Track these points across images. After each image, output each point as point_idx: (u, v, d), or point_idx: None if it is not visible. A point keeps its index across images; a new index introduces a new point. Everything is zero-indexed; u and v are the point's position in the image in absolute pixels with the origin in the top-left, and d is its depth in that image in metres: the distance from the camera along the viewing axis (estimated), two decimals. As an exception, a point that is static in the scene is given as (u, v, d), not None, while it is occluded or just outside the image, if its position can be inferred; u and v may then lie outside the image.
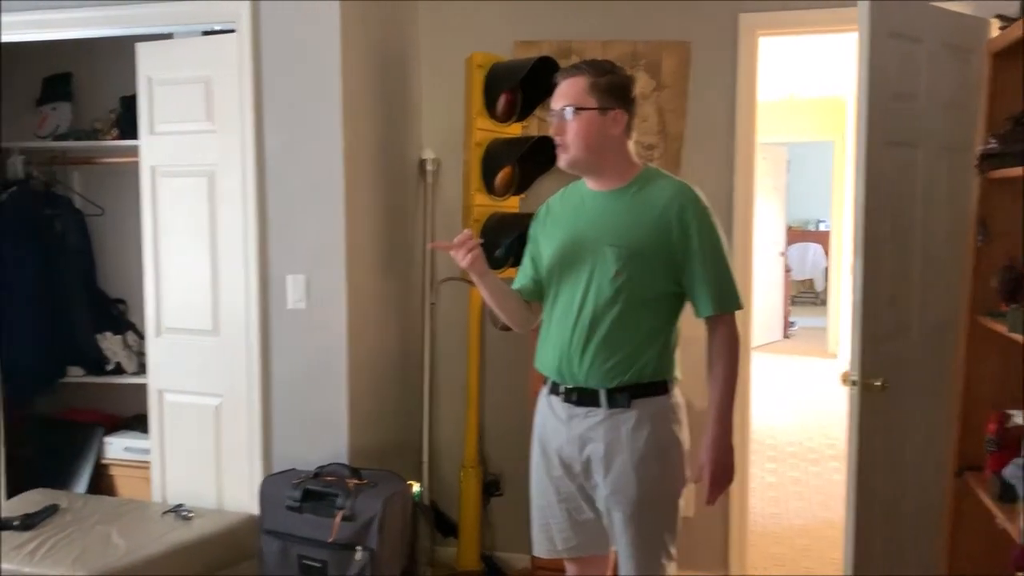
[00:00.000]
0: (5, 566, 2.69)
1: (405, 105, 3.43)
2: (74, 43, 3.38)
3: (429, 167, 3.45)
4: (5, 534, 2.83)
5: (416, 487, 2.99)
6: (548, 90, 2.25)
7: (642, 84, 3.21)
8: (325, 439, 2.98)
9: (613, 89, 2.14)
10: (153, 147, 3.18)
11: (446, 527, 3.42)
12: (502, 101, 3.07)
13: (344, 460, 2.92)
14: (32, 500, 3.12)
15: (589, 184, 2.22)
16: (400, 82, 3.39)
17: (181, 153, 3.12)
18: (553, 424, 2.22)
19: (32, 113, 3.86)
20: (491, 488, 3.39)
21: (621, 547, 2.16)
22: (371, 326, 3.13)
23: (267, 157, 2.96)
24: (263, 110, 2.95)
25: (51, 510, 3.01)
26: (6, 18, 3.19)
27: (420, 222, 3.49)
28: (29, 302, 3.62)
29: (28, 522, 2.89)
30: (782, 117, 7.27)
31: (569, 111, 2.12)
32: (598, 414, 2.12)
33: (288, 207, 2.97)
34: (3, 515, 2.95)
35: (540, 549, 2.29)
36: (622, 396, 2.11)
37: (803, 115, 7.93)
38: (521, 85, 3.08)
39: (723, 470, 2.15)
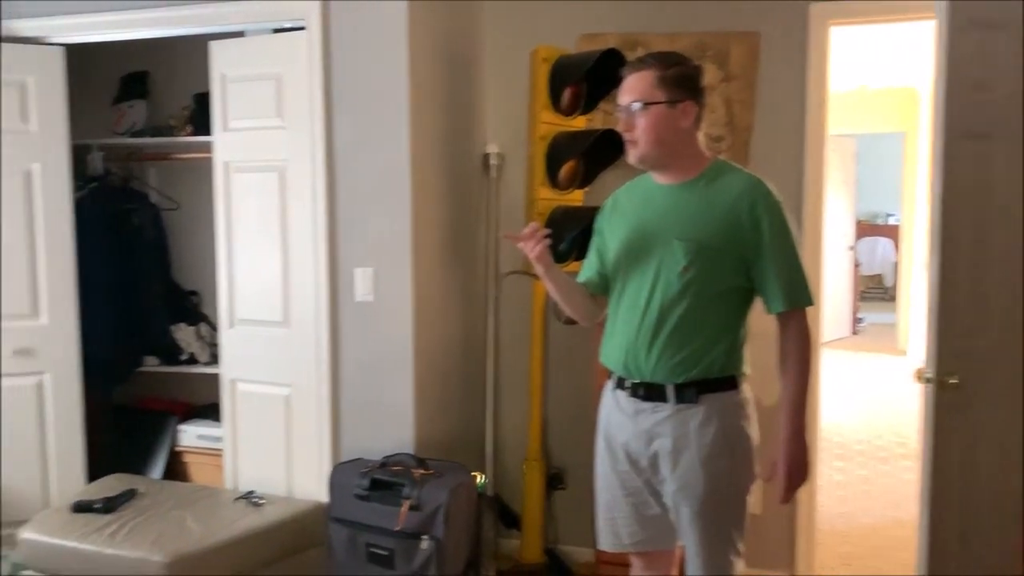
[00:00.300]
0: (87, 547, 2.80)
1: (469, 100, 3.46)
2: (150, 42, 3.48)
3: (493, 161, 3.47)
4: (87, 516, 2.95)
5: (480, 479, 3.01)
6: (613, 83, 2.24)
7: (709, 75, 3.17)
8: (391, 429, 3.03)
9: (682, 81, 2.12)
10: (226, 143, 3.25)
11: (509, 519, 3.44)
12: (567, 94, 3.07)
13: (410, 451, 2.96)
14: (111, 485, 3.24)
15: (657, 177, 2.21)
16: (465, 77, 3.42)
17: (253, 149, 3.19)
18: (619, 419, 2.22)
19: (110, 111, 3.99)
20: (554, 481, 3.40)
21: (689, 543, 2.15)
22: (436, 319, 3.17)
23: (336, 152, 3.02)
24: (332, 106, 3.00)
25: (129, 494, 3.12)
26: (84, 19, 3.31)
27: (483, 216, 3.51)
28: (108, 294, 3.74)
29: (109, 505, 3.00)
30: (852, 108, 7.09)
31: (637, 106, 2.11)
32: (665, 409, 2.11)
33: (356, 201, 3.02)
34: (85, 498, 3.07)
35: (606, 543, 2.29)
36: (690, 391, 2.09)
37: (874, 106, 7.72)
38: (586, 78, 3.07)
39: (797, 468, 2.12)
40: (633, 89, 2.13)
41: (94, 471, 3.55)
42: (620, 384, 2.21)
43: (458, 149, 3.37)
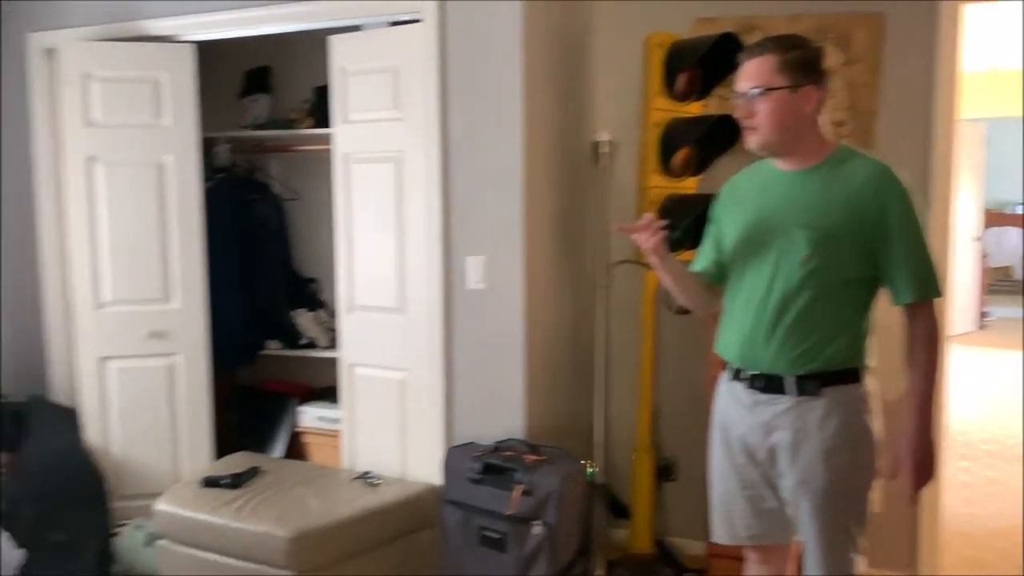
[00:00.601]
0: (216, 519, 2.95)
1: (580, 88, 3.45)
2: (272, 38, 3.61)
3: (604, 149, 3.45)
4: (216, 491, 3.11)
5: (589, 467, 3.02)
6: (729, 68, 2.19)
7: (831, 58, 3.07)
8: (502, 415, 3.07)
9: (803, 64, 2.06)
10: (345, 135, 3.35)
11: (618, 509, 3.44)
12: (682, 80, 3.02)
13: (519, 437, 3.00)
14: (237, 462, 3.40)
15: (778, 163, 2.15)
16: (576, 65, 3.42)
17: (370, 140, 3.28)
18: (735, 410, 2.18)
19: (235, 105, 4.18)
20: (664, 472, 3.37)
21: (808, 538, 2.10)
22: (546, 307, 3.19)
23: (451, 142, 3.07)
24: (448, 97, 3.05)
25: (254, 472, 3.27)
26: (212, 17, 3.46)
27: (594, 204, 3.51)
28: (233, 281, 3.93)
29: (236, 481, 3.16)
30: (980, 91, 6.70)
31: (757, 92, 2.06)
32: (785, 401, 2.07)
33: (470, 190, 3.06)
34: (214, 474, 3.23)
35: (721, 535, 2.27)
36: (811, 384, 2.04)
37: (1005, 89, 7.28)
38: (701, 63, 3.02)
39: (924, 465, 2.05)
40: (753, 74, 2.08)
41: (219, 449, 3.75)
42: (737, 375, 2.17)
43: (569, 137, 3.37)
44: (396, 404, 3.29)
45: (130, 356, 3.66)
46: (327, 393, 3.88)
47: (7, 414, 3.53)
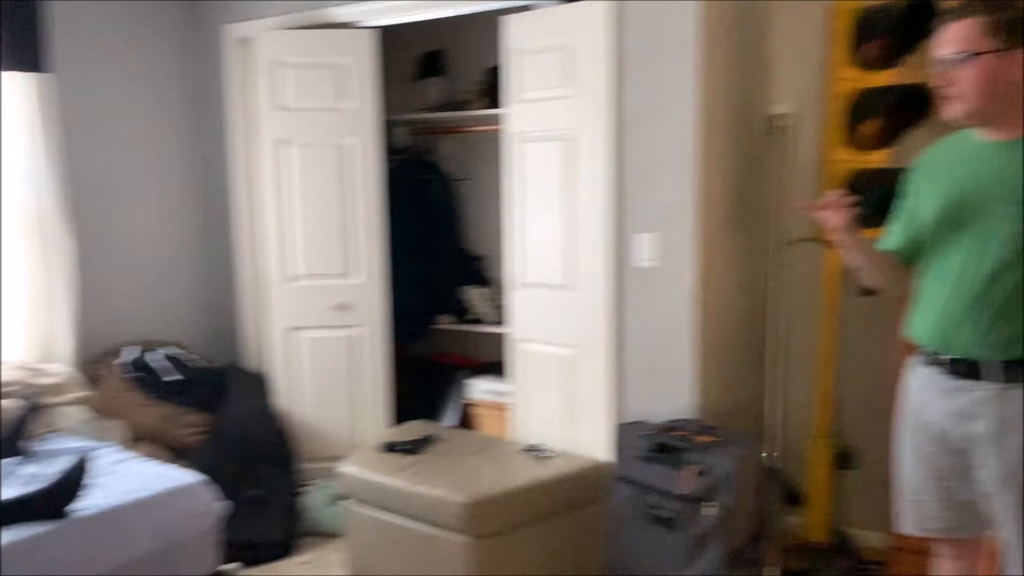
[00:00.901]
0: (396, 483, 3.10)
1: (757, 60, 3.34)
2: (445, 21, 3.71)
3: (782, 122, 3.33)
4: (395, 456, 3.27)
5: (763, 451, 2.95)
6: (919, 34, 2.06)
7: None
8: (671, 395, 3.04)
9: (1013, 26, 1.91)
10: (517, 114, 3.40)
11: (792, 496, 3.34)
12: (873, 48, 2.85)
13: (689, 417, 2.97)
14: (414, 429, 3.56)
15: (981, 134, 2.01)
16: (753, 36, 3.30)
17: (543, 118, 3.30)
18: (927, 397, 2.07)
19: (411, 88, 4.33)
20: (844, 460, 3.23)
21: (1010, 535, 1.97)
22: (719, 286, 3.12)
23: (624, 118, 3.05)
24: (622, 73, 3.03)
25: (430, 439, 3.41)
26: (391, 3, 3.59)
27: (771, 180, 3.39)
28: (409, 257, 4.10)
29: (414, 448, 3.30)
30: None
31: (962, 57, 1.92)
32: (987, 388, 1.94)
33: (642, 167, 3.04)
34: (393, 440, 3.40)
35: (910, 527, 2.16)
36: (1017, 370, 1.90)
37: None
38: (892, 30, 2.84)
39: None
40: (955, 39, 1.94)
41: (395, 416, 3.93)
42: (932, 359, 2.05)
43: (745, 110, 3.27)
44: (564, 380, 3.33)
45: (316, 327, 3.90)
46: (494, 367, 3.98)
47: (207, 379, 3.85)
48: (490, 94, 3.91)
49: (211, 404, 3.75)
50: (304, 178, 3.84)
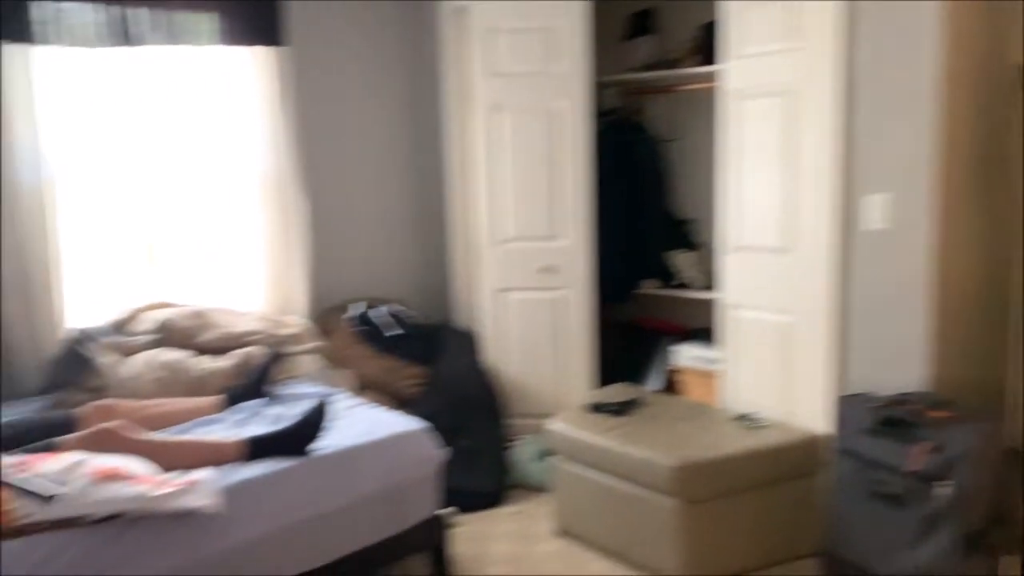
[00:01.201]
0: (603, 442, 3.13)
1: (1002, 5, 3.01)
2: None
3: (1035, 73, 3.00)
4: (602, 416, 3.30)
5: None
6: None
7: None
8: (900, 367, 2.86)
9: None
10: (735, 70, 3.28)
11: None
12: None
13: (918, 390, 2.77)
14: (620, 391, 3.58)
15: None
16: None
17: (762, 74, 3.17)
18: None
19: (620, 48, 4.28)
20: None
21: None
22: (958, 251, 2.88)
23: (856, 70, 2.86)
24: (855, 21, 2.84)
25: (636, 402, 3.41)
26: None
27: (1018, 137, 3.07)
28: (615, 220, 4.08)
29: (621, 409, 3.32)
30: None
31: None
32: None
33: (874, 123, 2.85)
34: (600, 401, 3.43)
35: None
36: None
37: None
38: None
39: None
40: None
41: (599, 378, 3.96)
42: None
43: (989, 61, 2.97)
44: (779, 348, 3.22)
45: (523, 288, 3.99)
46: (700, 333, 3.91)
47: (424, 335, 4.05)
48: (703, 51, 3.80)
49: (427, 359, 3.95)
50: (515, 142, 3.91)
